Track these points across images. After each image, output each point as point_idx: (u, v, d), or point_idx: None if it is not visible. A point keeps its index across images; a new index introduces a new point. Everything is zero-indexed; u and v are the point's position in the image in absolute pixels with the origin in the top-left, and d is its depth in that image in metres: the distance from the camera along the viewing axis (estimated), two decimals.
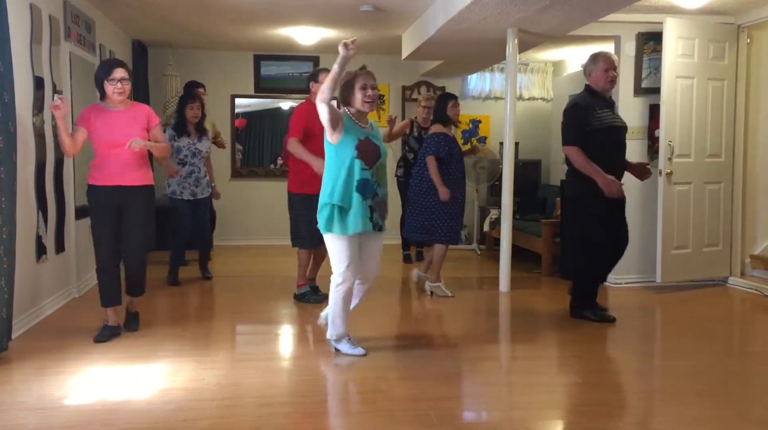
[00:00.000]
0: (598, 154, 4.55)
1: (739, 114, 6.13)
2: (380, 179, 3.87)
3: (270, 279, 6.21)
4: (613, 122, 4.65)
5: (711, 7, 5.68)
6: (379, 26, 6.78)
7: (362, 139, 3.79)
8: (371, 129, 3.93)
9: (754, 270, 6.23)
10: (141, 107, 4.31)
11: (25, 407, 3.12)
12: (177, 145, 5.93)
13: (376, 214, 3.84)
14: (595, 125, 4.57)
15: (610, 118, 4.64)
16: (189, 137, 5.99)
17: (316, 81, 4.97)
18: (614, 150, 4.66)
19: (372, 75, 3.90)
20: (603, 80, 4.63)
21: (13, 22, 3.95)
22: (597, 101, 4.65)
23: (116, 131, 4.09)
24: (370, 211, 3.79)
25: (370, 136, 3.85)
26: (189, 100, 6.09)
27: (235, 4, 5.94)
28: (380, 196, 3.86)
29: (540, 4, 4.80)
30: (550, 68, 8.89)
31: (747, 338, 4.91)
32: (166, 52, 8.00)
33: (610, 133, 4.61)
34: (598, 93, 4.67)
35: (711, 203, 6.05)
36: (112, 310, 4.24)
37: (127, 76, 4.13)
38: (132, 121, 4.16)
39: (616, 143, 4.69)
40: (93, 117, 4.14)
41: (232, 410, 3.11)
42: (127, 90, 4.14)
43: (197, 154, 6.01)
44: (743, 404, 3.33)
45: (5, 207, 3.73)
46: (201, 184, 6.04)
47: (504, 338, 4.71)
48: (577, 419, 3.17)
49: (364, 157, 3.76)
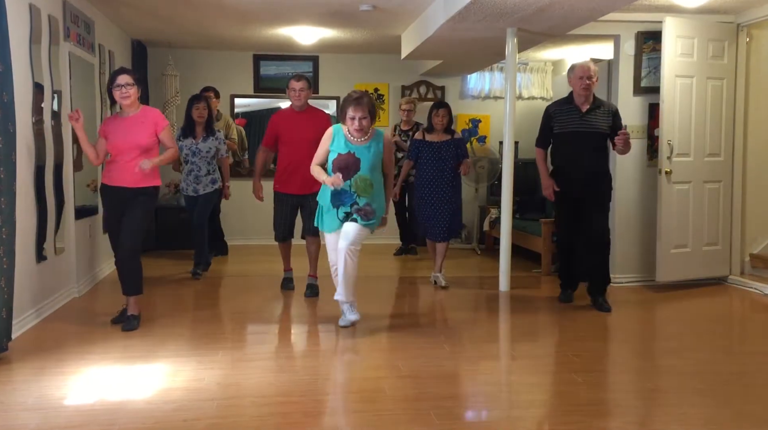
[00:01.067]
0: (560, 156, 5.17)
1: (739, 113, 6.13)
2: (360, 190, 4.31)
3: (269, 279, 6.20)
4: (578, 128, 5.02)
5: (710, 6, 5.68)
6: (379, 26, 6.78)
7: (343, 154, 4.31)
8: (365, 142, 4.35)
9: (753, 269, 6.23)
10: (149, 112, 4.54)
11: (25, 407, 3.12)
12: (180, 144, 6.04)
13: (360, 217, 4.35)
14: (556, 130, 5.11)
15: (576, 123, 5.02)
16: (194, 138, 6.13)
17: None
18: (575, 154, 5.03)
19: (362, 107, 4.25)
20: (577, 87, 5.03)
21: (12, 22, 3.95)
22: (570, 107, 5.06)
23: (121, 136, 4.39)
24: (345, 217, 4.36)
25: (355, 151, 4.31)
26: (195, 100, 6.23)
27: (235, 4, 5.94)
28: (361, 205, 4.33)
29: (539, 4, 4.80)
30: (549, 67, 8.89)
31: (747, 337, 4.91)
32: (165, 52, 8.00)
33: (573, 137, 5.03)
34: (574, 99, 5.06)
35: (710, 202, 6.05)
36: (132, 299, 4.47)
37: (131, 81, 4.40)
38: (137, 127, 4.41)
39: (579, 147, 5.02)
40: (109, 125, 4.53)
41: (233, 410, 3.11)
42: (132, 94, 4.40)
43: (197, 154, 6.13)
44: (743, 404, 3.33)
45: (5, 207, 3.73)
46: (201, 181, 6.17)
47: (504, 337, 4.71)
48: (577, 418, 3.16)
49: (341, 170, 4.28)
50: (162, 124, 4.47)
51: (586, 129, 5.02)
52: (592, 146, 5.03)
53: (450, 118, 5.96)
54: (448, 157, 5.86)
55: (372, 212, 4.37)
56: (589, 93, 5.03)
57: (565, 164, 5.12)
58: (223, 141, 6.30)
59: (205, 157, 6.17)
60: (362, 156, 4.32)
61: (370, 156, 4.35)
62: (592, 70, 5.02)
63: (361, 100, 4.27)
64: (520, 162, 7.64)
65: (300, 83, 5.34)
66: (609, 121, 5.06)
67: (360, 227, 4.36)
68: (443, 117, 5.90)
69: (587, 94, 5.01)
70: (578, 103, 5.07)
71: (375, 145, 4.38)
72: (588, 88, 4.98)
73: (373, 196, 4.38)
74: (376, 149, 4.38)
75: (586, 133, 5.02)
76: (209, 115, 6.24)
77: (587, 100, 5.05)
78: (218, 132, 6.30)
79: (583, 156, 5.02)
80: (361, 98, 4.29)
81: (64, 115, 5.17)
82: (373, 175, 4.38)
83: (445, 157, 5.86)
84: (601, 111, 5.06)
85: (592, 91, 5.06)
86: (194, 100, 6.24)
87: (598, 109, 5.06)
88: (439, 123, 5.89)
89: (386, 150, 4.47)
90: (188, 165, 6.18)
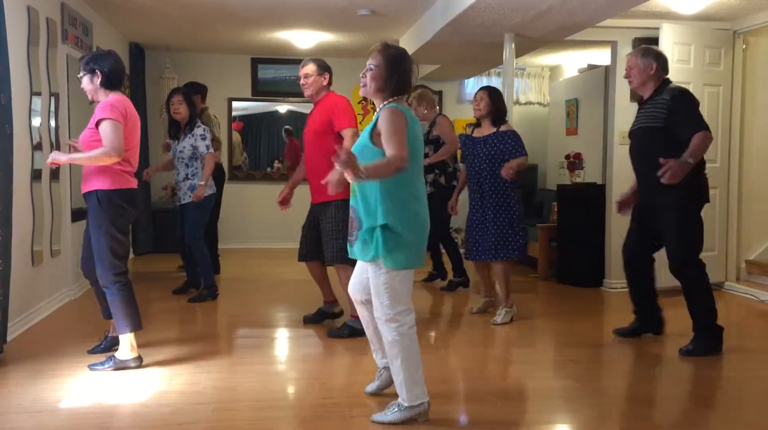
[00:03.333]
0: None
1: (735, 120, 6.15)
2: (353, 190, 3.00)
3: (268, 283, 6.20)
4: (633, 125, 4.38)
5: (707, 13, 5.71)
6: (377, 30, 6.79)
7: None
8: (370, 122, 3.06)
9: (749, 275, 6.25)
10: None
11: (20, 410, 3.10)
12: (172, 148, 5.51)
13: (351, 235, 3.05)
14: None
15: (633, 125, 4.39)
16: (177, 139, 5.42)
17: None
18: (632, 154, 4.38)
19: (371, 51, 3.04)
20: None
21: (10, 25, 3.94)
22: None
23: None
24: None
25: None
26: (171, 94, 5.51)
27: (233, 8, 5.94)
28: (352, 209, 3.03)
29: (537, 10, 4.81)
30: (546, 73, 8.91)
31: (742, 343, 4.92)
32: (163, 54, 8.01)
33: (631, 136, 4.39)
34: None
35: (707, 208, 6.00)
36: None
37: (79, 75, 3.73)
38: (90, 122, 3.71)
39: (633, 146, 4.37)
40: None
41: (229, 414, 3.10)
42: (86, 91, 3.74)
43: (176, 155, 5.39)
44: (740, 410, 3.34)
45: (1, 209, 3.72)
46: (181, 188, 5.40)
47: (500, 342, 4.71)
48: (573, 423, 3.17)
49: None
50: (98, 115, 3.59)
51: (636, 125, 4.33)
52: (639, 144, 4.29)
53: (492, 103, 4.79)
54: (485, 156, 4.77)
55: (354, 224, 2.98)
56: (633, 85, 4.32)
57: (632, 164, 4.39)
58: (200, 137, 5.30)
59: (182, 159, 5.33)
60: (359, 142, 3.08)
61: (361, 138, 3.07)
62: (628, 60, 4.34)
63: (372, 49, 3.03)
64: None
65: (304, 69, 4.41)
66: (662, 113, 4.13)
67: (370, 270, 2.95)
68: (479, 101, 4.81)
69: (631, 86, 4.36)
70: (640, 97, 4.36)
71: (368, 127, 3.01)
72: (628, 79, 4.33)
73: (359, 199, 2.94)
74: (365, 132, 3.02)
75: (635, 131, 4.32)
76: (191, 110, 5.38)
77: (645, 93, 4.28)
78: (197, 128, 5.35)
79: (636, 155, 4.32)
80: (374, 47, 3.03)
81: (62, 117, 5.16)
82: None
83: (482, 156, 4.79)
84: (653, 102, 4.19)
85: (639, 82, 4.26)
86: (171, 93, 5.50)
87: (651, 99, 4.23)
88: (475, 109, 4.85)
89: (380, 127, 2.90)
90: (174, 170, 5.48)
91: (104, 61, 3.67)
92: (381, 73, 2.95)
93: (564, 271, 6.42)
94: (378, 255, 2.87)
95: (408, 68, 2.99)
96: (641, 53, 4.27)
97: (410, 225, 2.91)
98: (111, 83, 3.67)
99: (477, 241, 4.87)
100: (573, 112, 7.80)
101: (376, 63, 2.98)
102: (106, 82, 3.65)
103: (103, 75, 3.63)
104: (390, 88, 2.95)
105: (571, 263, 6.29)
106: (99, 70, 3.63)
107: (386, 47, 3.00)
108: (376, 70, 2.96)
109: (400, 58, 2.99)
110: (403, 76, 2.97)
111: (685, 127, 4.05)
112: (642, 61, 4.22)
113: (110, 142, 3.53)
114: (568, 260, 6.35)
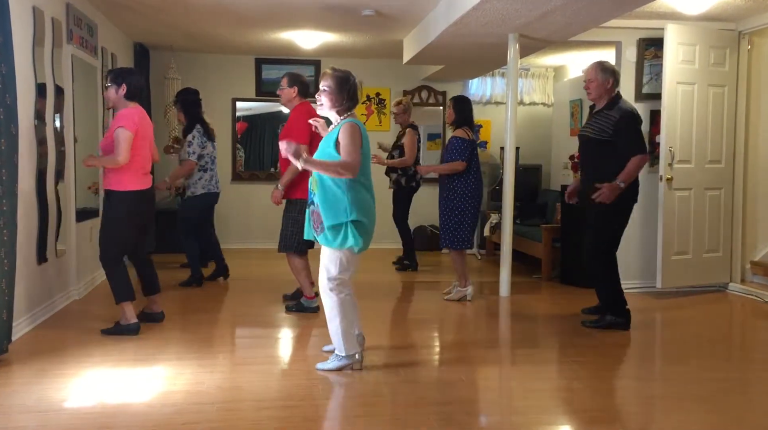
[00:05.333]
0: None
1: (740, 120, 6.14)
2: (314, 187, 3.64)
3: (270, 283, 6.21)
4: (582, 130, 4.88)
5: (712, 13, 5.69)
6: (381, 30, 6.79)
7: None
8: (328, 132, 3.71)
9: (754, 276, 6.23)
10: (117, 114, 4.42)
11: (25, 409, 3.11)
12: (203, 151, 5.93)
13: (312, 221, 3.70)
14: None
15: (583, 127, 4.91)
16: (212, 140, 6.05)
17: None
18: (580, 156, 4.96)
19: (323, 74, 3.66)
20: None
21: (15, 25, 3.95)
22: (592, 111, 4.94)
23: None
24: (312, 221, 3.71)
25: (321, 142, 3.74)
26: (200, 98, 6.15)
27: (237, 8, 5.95)
28: (314, 205, 3.65)
29: (541, 10, 4.81)
30: (551, 73, 8.90)
31: (747, 344, 4.91)
32: (167, 55, 8.01)
33: (579, 139, 4.91)
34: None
35: (711, 209, 6.05)
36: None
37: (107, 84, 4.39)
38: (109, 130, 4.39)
39: (580, 150, 4.93)
40: None
41: (232, 414, 3.11)
42: (109, 99, 4.43)
43: (215, 160, 6.10)
44: (743, 411, 3.33)
45: (6, 209, 3.73)
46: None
47: (504, 343, 4.71)
48: (577, 424, 3.17)
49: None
50: (114, 124, 4.29)
51: (584, 133, 4.80)
52: (587, 150, 4.79)
53: (455, 112, 5.51)
54: (446, 159, 5.56)
55: (319, 216, 3.61)
56: (591, 97, 4.77)
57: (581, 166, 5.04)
58: (188, 142, 5.90)
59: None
60: (321, 145, 3.71)
61: (320, 148, 3.68)
62: (588, 72, 4.76)
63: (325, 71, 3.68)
64: (521, 167, 7.66)
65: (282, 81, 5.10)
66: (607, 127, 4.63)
67: (322, 251, 3.70)
68: (448, 110, 5.63)
69: (589, 97, 4.80)
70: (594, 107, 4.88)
71: (329, 137, 3.64)
72: (588, 90, 4.75)
73: (322, 196, 3.58)
74: (327, 141, 3.64)
75: (582, 137, 4.82)
76: (188, 117, 6.03)
77: (599, 105, 4.74)
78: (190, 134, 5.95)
79: (584, 160, 4.86)
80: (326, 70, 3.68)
81: (66, 117, 5.18)
82: None
83: (445, 158, 5.58)
84: (604, 115, 4.67)
85: (597, 95, 4.70)
86: (200, 98, 6.11)
87: (602, 112, 4.70)
88: (447, 118, 5.66)
89: (340, 141, 3.57)
90: (209, 172, 5.98)
91: (130, 76, 4.41)
92: (334, 92, 3.60)
93: (567, 271, 6.41)
94: (348, 244, 3.56)
95: (354, 85, 3.64)
96: (601, 68, 4.70)
97: (366, 212, 3.61)
98: (132, 96, 4.37)
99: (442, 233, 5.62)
100: (577, 112, 7.79)
101: (328, 84, 3.61)
102: (128, 94, 4.34)
103: (128, 89, 4.33)
104: (343, 104, 3.62)
105: (575, 264, 6.27)
106: (126, 84, 4.32)
107: (335, 71, 3.63)
108: (330, 90, 3.60)
109: (346, 79, 3.62)
110: (351, 92, 3.63)
111: (625, 148, 4.58)
112: (601, 76, 4.67)
113: (119, 150, 4.19)
114: (571, 261, 6.33)
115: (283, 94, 5.08)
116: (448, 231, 5.50)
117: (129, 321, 4.36)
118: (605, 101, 4.70)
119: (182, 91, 6.30)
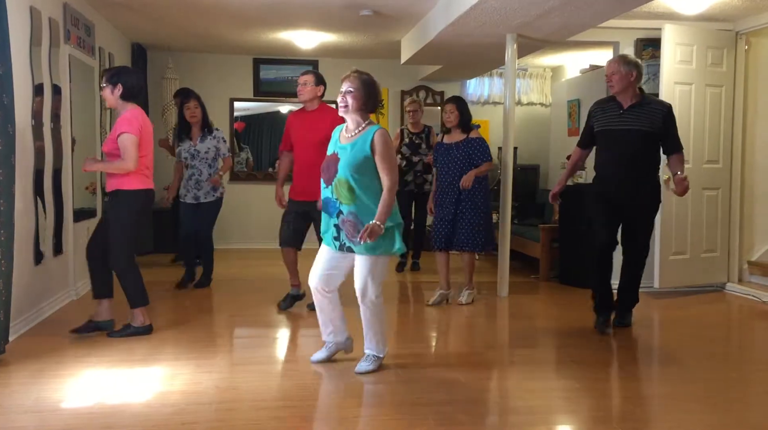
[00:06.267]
0: (597, 155, 4.80)
1: (737, 120, 6.15)
2: (342, 197, 3.54)
3: (269, 283, 6.20)
4: (608, 126, 4.61)
5: (709, 13, 5.71)
6: (379, 30, 6.79)
7: (329, 155, 3.67)
8: (352, 139, 3.60)
9: (751, 276, 6.24)
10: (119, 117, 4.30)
11: (22, 410, 3.11)
12: (178, 149, 5.91)
13: (342, 233, 3.59)
14: (596, 128, 4.72)
15: (608, 121, 4.61)
16: (191, 139, 5.81)
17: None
18: (608, 153, 4.63)
19: (348, 77, 3.63)
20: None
21: (12, 25, 3.95)
22: (608, 105, 4.67)
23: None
24: (336, 230, 3.62)
25: (341, 150, 3.59)
26: (184, 100, 5.90)
27: (235, 8, 5.95)
28: (345, 214, 3.55)
29: (539, 10, 4.81)
30: (548, 73, 8.91)
31: (745, 344, 4.92)
32: (165, 55, 8.01)
33: (605, 136, 4.63)
34: (613, 97, 4.65)
35: (709, 209, 6.06)
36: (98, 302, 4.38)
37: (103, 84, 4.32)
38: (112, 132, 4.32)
39: (612, 146, 4.60)
40: None
41: (231, 414, 3.11)
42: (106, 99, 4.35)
43: (196, 156, 5.78)
44: (742, 411, 3.33)
45: (3, 209, 3.72)
46: (203, 187, 5.80)
47: (503, 343, 4.71)
48: (577, 424, 3.17)
49: (323, 174, 3.65)
50: (117, 129, 4.20)
51: (617, 127, 4.56)
52: (623, 144, 4.54)
53: (460, 113, 5.36)
54: (457, 161, 5.33)
55: (356, 226, 3.52)
56: (614, 91, 4.56)
57: (602, 162, 4.73)
58: (222, 139, 5.88)
59: (205, 159, 5.77)
60: (346, 155, 3.55)
61: (351, 154, 3.53)
62: (610, 66, 4.59)
63: (348, 74, 3.64)
64: (519, 168, 7.67)
65: (304, 77, 4.99)
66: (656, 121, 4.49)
67: (360, 260, 3.59)
68: (450, 113, 5.37)
69: (613, 90, 4.58)
70: (617, 101, 4.61)
71: (361, 142, 3.55)
72: (610, 83, 4.57)
73: (359, 205, 3.52)
74: (361, 146, 3.53)
75: (619, 131, 4.55)
76: (203, 113, 5.84)
77: (626, 98, 4.55)
78: (217, 131, 5.91)
79: (616, 154, 4.57)
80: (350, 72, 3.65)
81: (64, 117, 5.17)
82: (356, 177, 3.51)
83: (455, 160, 5.34)
84: (645, 109, 4.51)
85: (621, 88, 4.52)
86: (183, 100, 5.91)
87: (640, 105, 4.52)
88: (446, 120, 5.40)
89: (376, 148, 3.52)
90: (188, 170, 5.82)
91: (127, 76, 4.29)
92: (360, 94, 3.57)
93: (566, 271, 6.41)
94: (396, 247, 3.59)
95: (378, 87, 3.68)
96: (624, 61, 4.55)
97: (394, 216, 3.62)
98: (129, 96, 4.26)
99: (448, 235, 5.35)
100: (575, 112, 7.79)
101: (355, 86, 3.58)
102: (125, 95, 4.23)
103: (124, 89, 4.21)
104: (368, 106, 3.62)
105: (573, 264, 6.28)
106: (122, 84, 4.20)
107: (360, 73, 3.62)
108: (356, 92, 3.57)
109: (372, 81, 3.64)
110: (376, 94, 3.65)
111: (673, 140, 4.57)
112: (624, 68, 4.51)
113: (127, 155, 4.14)
114: (570, 261, 6.34)
115: (306, 91, 4.97)
116: (479, 233, 5.31)
117: (144, 323, 4.35)
118: (630, 94, 4.52)
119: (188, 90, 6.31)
